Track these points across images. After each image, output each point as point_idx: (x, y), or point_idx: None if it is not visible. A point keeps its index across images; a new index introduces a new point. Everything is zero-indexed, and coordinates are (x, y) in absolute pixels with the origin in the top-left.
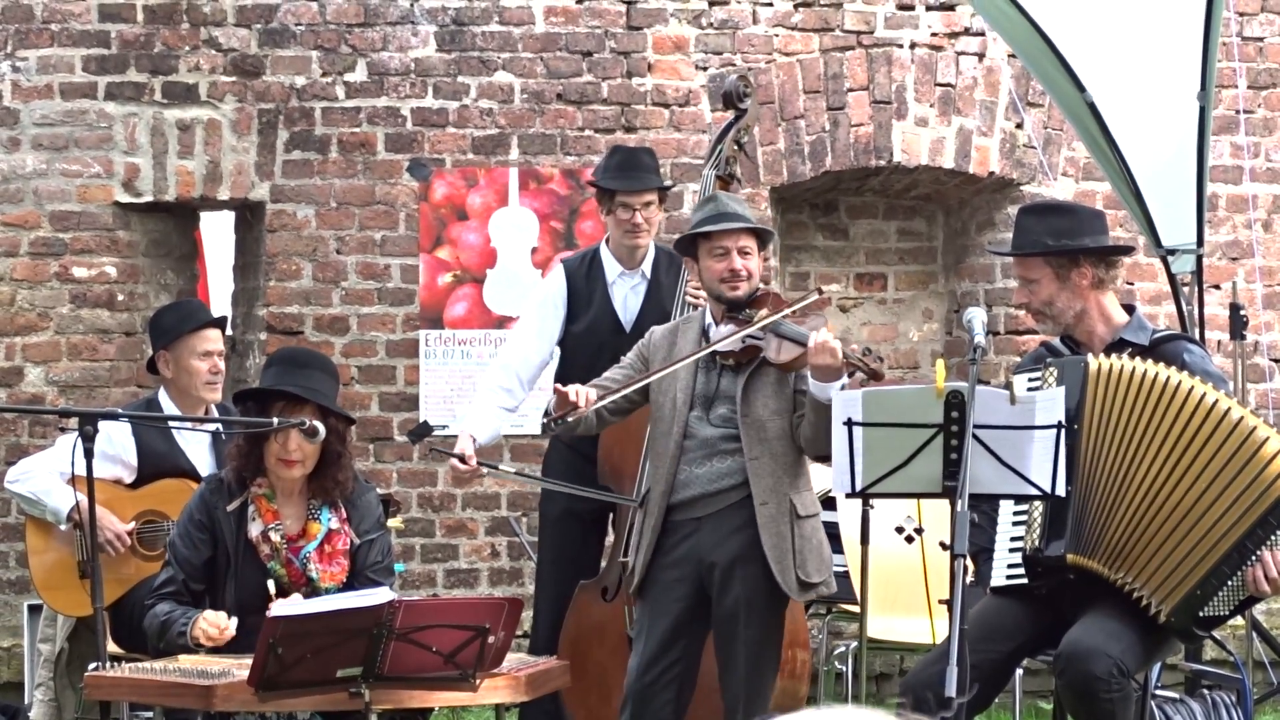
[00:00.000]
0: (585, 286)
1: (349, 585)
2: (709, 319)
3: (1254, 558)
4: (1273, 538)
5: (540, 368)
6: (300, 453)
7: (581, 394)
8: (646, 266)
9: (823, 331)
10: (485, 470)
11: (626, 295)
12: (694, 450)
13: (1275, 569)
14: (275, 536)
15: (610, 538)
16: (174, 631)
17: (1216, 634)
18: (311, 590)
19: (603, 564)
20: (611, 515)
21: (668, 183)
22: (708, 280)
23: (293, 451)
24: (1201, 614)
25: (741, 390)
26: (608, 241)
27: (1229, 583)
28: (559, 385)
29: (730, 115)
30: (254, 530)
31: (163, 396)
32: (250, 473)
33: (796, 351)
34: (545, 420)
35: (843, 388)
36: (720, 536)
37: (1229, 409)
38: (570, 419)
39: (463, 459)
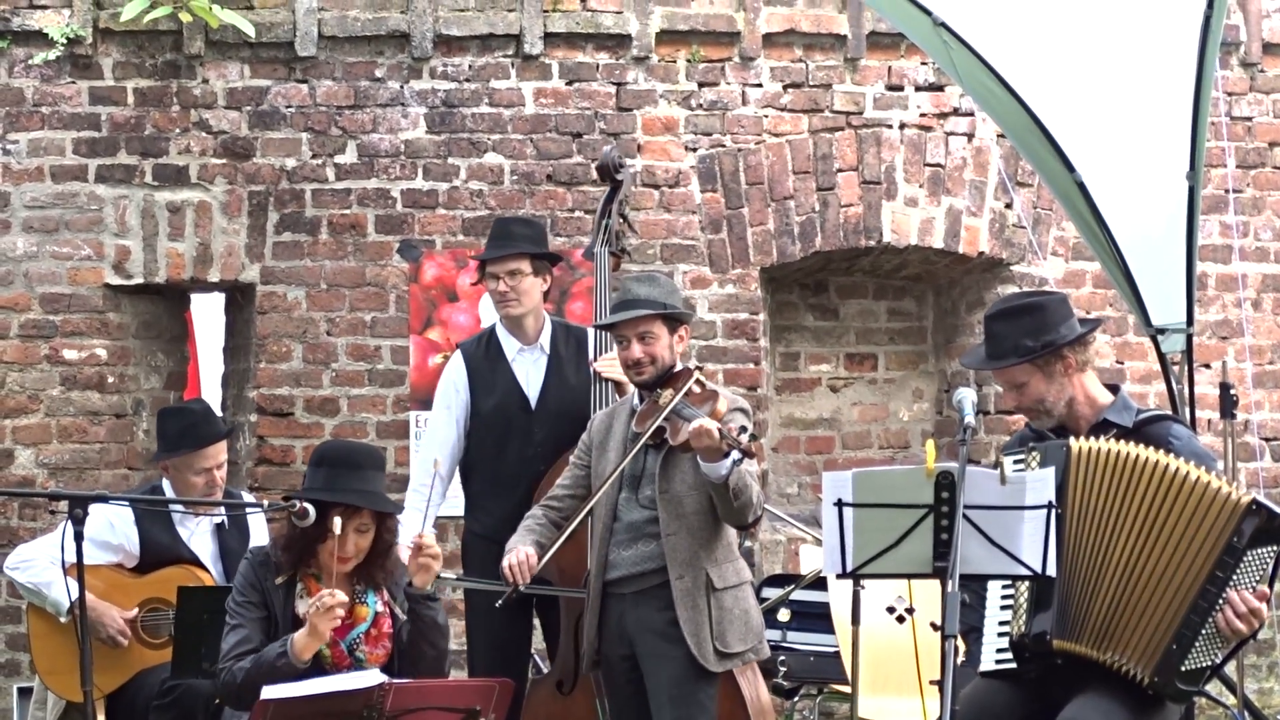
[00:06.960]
0: (486, 366)
1: (391, 664)
2: (637, 400)
3: (1220, 601)
4: (1233, 578)
5: (459, 454)
6: (356, 550)
7: (522, 569)
8: (545, 341)
9: (704, 416)
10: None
11: (529, 371)
12: (621, 533)
13: (1242, 605)
14: None
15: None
16: (268, 658)
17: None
18: (356, 669)
19: (536, 654)
20: (535, 602)
21: (542, 250)
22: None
23: (349, 552)
24: (1184, 669)
25: (660, 467)
26: (502, 320)
27: (1202, 631)
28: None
29: (607, 188)
30: (301, 608)
31: (166, 486)
32: (299, 561)
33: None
34: (500, 603)
35: (734, 465)
36: (644, 614)
37: (1203, 479)
38: (524, 589)
39: None
